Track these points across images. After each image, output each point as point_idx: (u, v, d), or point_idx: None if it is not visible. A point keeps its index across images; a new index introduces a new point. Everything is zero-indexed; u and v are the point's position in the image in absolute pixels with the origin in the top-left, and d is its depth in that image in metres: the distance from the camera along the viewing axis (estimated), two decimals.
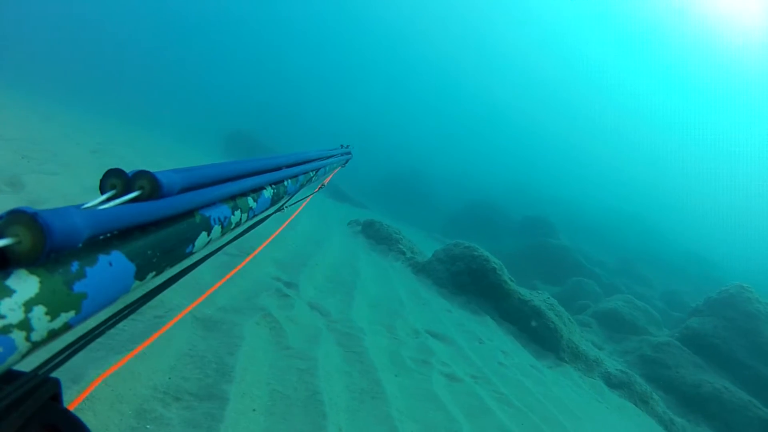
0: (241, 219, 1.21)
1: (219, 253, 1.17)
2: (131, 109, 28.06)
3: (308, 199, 2.30)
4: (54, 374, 0.65)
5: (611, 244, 29.61)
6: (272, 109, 57.65)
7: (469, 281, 9.35)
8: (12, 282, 0.53)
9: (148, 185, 0.80)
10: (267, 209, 1.47)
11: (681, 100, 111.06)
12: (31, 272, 0.55)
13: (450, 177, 40.62)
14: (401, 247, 11.11)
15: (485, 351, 6.92)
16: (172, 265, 0.88)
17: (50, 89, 22.73)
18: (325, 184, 2.82)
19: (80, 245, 0.62)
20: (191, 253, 0.96)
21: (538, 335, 8.73)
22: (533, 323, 8.82)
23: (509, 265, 11.07)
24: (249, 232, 1.39)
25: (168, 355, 3.56)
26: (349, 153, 3.67)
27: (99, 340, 2.81)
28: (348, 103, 78.42)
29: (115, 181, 0.79)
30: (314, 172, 2.27)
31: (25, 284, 0.54)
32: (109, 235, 0.71)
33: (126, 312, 0.81)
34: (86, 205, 0.68)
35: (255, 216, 1.35)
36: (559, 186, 49.36)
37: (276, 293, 5.64)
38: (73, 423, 0.66)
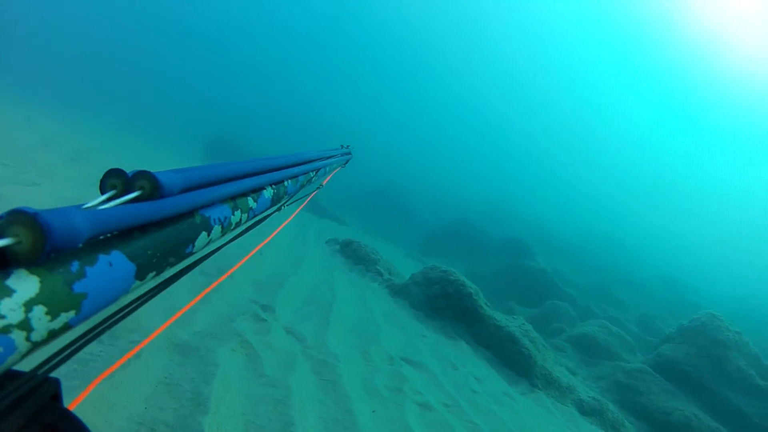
0: (241, 219, 1.21)
1: (197, 272, 1.17)
2: (113, 113, 27.76)
3: (306, 202, 2.32)
4: (54, 374, 0.65)
5: (587, 266, 29.81)
6: (254, 116, 57.40)
7: (445, 305, 9.41)
8: (12, 282, 0.53)
9: (149, 185, 0.81)
10: (267, 209, 1.47)
11: (662, 117, 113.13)
12: (32, 272, 0.55)
13: (429, 193, 40.68)
14: (379, 268, 11.14)
15: (459, 378, 6.96)
16: (172, 265, 0.89)
17: (30, 91, 22.38)
18: (324, 184, 2.83)
19: (80, 245, 0.63)
20: (191, 253, 0.96)
21: (512, 361, 8.79)
22: (507, 349, 8.89)
23: (486, 286, 11.17)
24: (233, 242, 1.33)
25: (144, 383, 3.55)
26: (349, 153, 3.67)
27: (74, 366, 2.80)
28: (329, 113, 78.23)
29: (115, 181, 0.80)
30: (314, 173, 2.27)
31: (26, 284, 0.54)
32: (109, 235, 0.72)
33: (126, 312, 0.81)
34: (86, 205, 0.68)
35: (255, 216, 1.35)
36: (536, 206, 49.73)
37: (252, 317, 5.64)
38: (73, 423, 0.66)
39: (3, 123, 11.72)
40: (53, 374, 0.65)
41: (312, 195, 2.46)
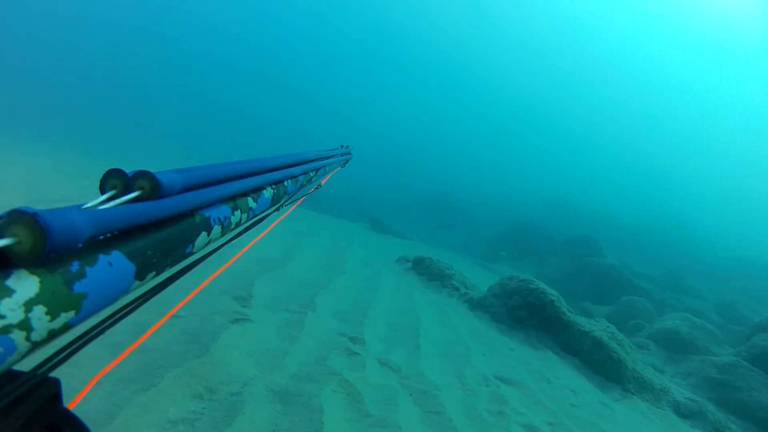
0: (241, 219, 1.22)
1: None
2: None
3: (299, 201, 2.24)
4: (54, 374, 0.65)
5: (656, 256, 28.91)
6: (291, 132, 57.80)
7: (528, 315, 9.26)
8: (12, 282, 0.53)
9: (148, 185, 0.81)
10: (267, 209, 1.48)
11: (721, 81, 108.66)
12: (31, 272, 0.56)
13: (486, 197, 40.30)
14: (454, 282, 11.06)
15: (555, 392, 6.82)
16: (172, 265, 0.89)
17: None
18: (322, 184, 2.78)
19: (80, 245, 0.63)
20: (191, 253, 0.96)
21: (602, 367, 8.56)
22: (596, 355, 8.69)
23: (557, 287, 10.93)
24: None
25: None
26: (349, 153, 3.66)
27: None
28: (373, 127, 78.55)
29: (115, 181, 0.80)
30: (314, 173, 2.27)
31: (25, 284, 0.54)
32: (109, 235, 0.72)
33: (126, 312, 0.81)
34: (86, 205, 0.68)
35: (255, 216, 1.35)
36: (596, 200, 48.57)
37: (344, 352, 5.63)
38: (74, 423, 0.67)
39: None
40: (53, 374, 0.65)
41: (309, 192, 2.43)
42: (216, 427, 3.48)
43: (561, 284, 18.45)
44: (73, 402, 0.77)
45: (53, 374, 0.66)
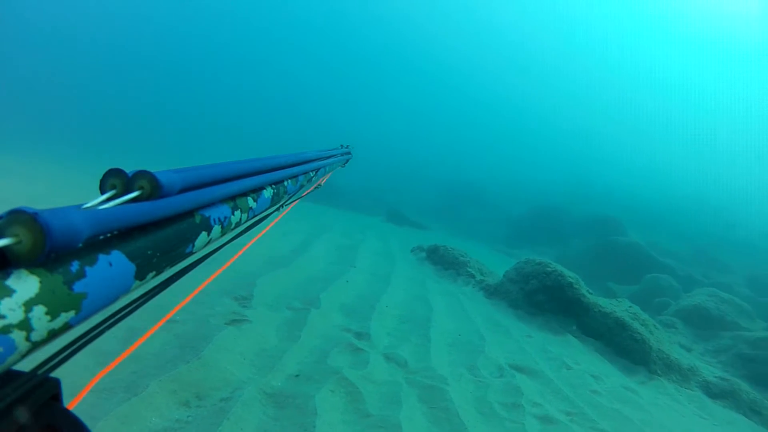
0: (241, 219, 1.22)
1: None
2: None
3: (296, 201, 2.19)
4: (54, 374, 0.65)
5: (682, 233, 28.36)
6: (309, 131, 58.05)
7: (546, 299, 8.95)
8: (12, 282, 0.53)
9: (148, 185, 0.81)
10: (267, 209, 1.50)
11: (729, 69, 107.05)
12: (31, 272, 0.55)
13: (506, 184, 39.85)
14: (470, 270, 10.78)
15: (575, 378, 6.52)
16: (172, 265, 0.89)
17: (37, 144, 22.75)
18: (322, 184, 2.76)
19: (80, 245, 0.63)
20: (191, 253, 0.97)
21: (625, 349, 8.24)
22: (618, 337, 8.37)
23: (580, 269, 10.66)
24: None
25: None
26: (349, 153, 3.63)
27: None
28: (389, 122, 78.52)
29: (115, 181, 0.80)
30: (314, 172, 2.29)
31: (25, 284, 0.54)
32: (109, 235, 0.72)
33: (126, 312, 0.81)
34: (86, 205, 0.68)
35: (255, 216, 1.36)
36: (619, 178, 47.89)
37: (348, 348, 5.41)
38: (74, 423, 0.66)
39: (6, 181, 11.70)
40: (53, 374, 0.65)
41: (308, 192, 2.42)
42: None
43: (583, 266, 18.15)
44: (73, 402, 0.76)
45: (53, 374, 0.65)
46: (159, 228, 0.83)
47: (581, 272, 10.24)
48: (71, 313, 0.60)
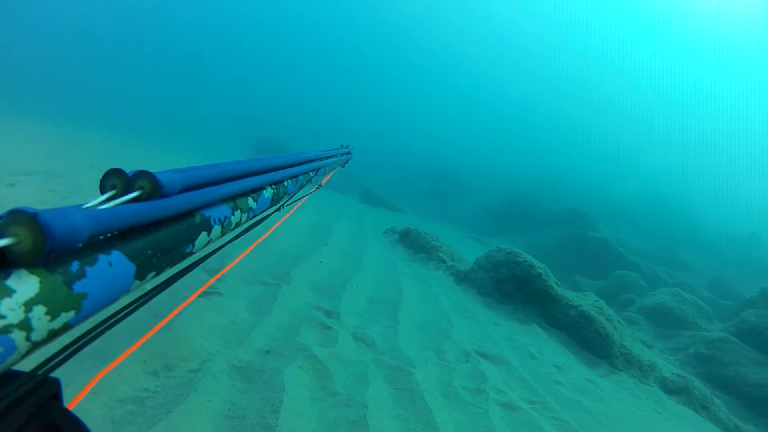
0: (241, 219, 1.23)
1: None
2: (152, 124, 28.00)
3: (302, 201, 2.28)
4: (54, 374, 0.65)
5: (649, 231, 28.95)
6: (293, 113, 57.73)
7: (514, 288, 9.05)
8: (12, 282, 0.53)
9: (148, 185, 0.81)
10: (267, 209, 1.50)
11: (702, 72, 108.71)
12: (31, 272, 0.55)
13: (483, 172, 39.99)
14: (441, 255, 10.83)
15: (539, 368, 6.63)
16: (172, 265, 0.89)
17: (74, 113, 22.48)
18: (323, 184, 2.78)
19: (80, 245, 0.63)
20: (191, 253, 0.97)
21: (590, 342, 8.40)
22: (583, 330, 8.51)
23: (549, 260, 10.79)
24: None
25: (206, 420, 3.29)
26: (349, 153, 3.68)
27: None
28: (368, 104, 78.19)
29: (115, 181, 0.80)
30: (314, 173, 2.30)
31: (25, 284, 0.54)
32: (109, 235, 0.72)
33: (126, 312, 0.81)
34: (86, 205, 0.68)
35: (255, 216, 1.36)
36: (593, 174, 48.38)
37: (317, 326, 5.40)
38: (74, 422, 0.66)
39: (47, 150, 11.50)
40: (53, 374, 0.65)
41: (310, 193, 2.46)
42: (166, 407, 3.25)
43: (553, 257, 18.41)
44: (73, 402, 0.77)
45: (53, 374, 0.65)
46: (159, 228, 0.83)
47: (550, 263, 10.36)
48: (71, 313, 0.60)
